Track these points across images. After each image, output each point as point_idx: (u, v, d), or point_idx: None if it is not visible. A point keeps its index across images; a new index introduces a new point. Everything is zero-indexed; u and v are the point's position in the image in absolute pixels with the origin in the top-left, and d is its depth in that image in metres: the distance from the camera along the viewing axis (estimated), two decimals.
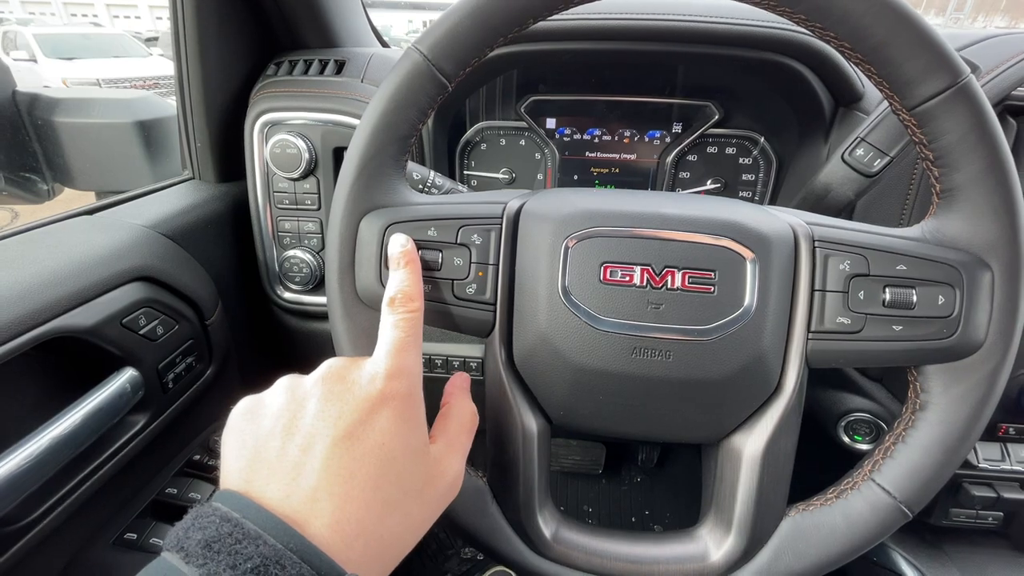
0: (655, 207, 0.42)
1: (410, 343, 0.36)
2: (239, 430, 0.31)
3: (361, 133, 0.42)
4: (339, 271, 0.43)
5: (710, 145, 0.80)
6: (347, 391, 0.32)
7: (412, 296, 0.38)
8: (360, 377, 0.33)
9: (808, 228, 0.42)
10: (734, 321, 0.39)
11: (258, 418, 0.31)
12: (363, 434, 0.30)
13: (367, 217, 0.42)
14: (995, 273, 0.38)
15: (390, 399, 0.32)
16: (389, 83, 0.41)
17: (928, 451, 0.40)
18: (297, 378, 0.34)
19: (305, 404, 0.31)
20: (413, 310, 0.37)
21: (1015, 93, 0.59)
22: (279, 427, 0.30)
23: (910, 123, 0.40)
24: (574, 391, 0.42)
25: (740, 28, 0.62)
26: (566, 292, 0.41)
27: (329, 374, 0.33)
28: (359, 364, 0.34)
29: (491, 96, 0.79)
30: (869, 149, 0.54)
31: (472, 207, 0.44)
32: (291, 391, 0.32)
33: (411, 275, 0.39)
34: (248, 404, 0.33)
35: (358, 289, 0.43)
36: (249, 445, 0.30)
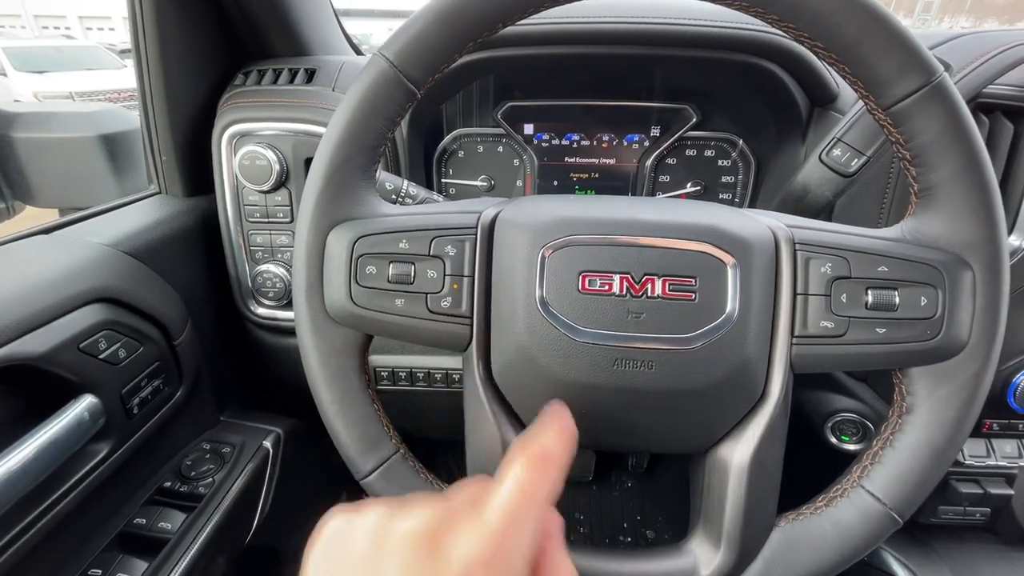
0: (633, 213, 0.41)
1: (530, 519, 0.28)
2: (322, 555, 0.28)
3: (326, 144, 0.40)
4: (307, 287, 0.41)
5: (689, 148, 0.79)
6: (434, 570, 0.25)
7: (554, 460, 0.30)
8: (455, 553, 0.26)
9: (788, 231, 0.41)
10: (717, 328, 0.38)
11: (337, 556, 0.28)
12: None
13: (335, 230, 0.41)
14: (976, 272, 0.38)
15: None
16: (354, 92, 0.40)
17: (916, 455, 0.39)
18: (390, 520, 0.28)
19: (382, 565, 0.26)
20: (549, 476, 0.29)
21: (986, 91, 0.60)
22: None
23: (886, 123, 0.39)
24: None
25: (714, 30, 0.62)
26: (544, 303, 0.39)
27: (420, 534, 0.27)
28: (458, 530, 0.27)
29: (467, 102, 0.78)
30: (846, 149, 0.54)
31: (445, 217, 0.42)
32: (376, 535, 0.27)
33: (559, 437, 0.31)
34: (336, 530, 0.29)
35: (327, 305, 0.41)
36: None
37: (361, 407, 0.42)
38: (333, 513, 0.29)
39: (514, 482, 0.29)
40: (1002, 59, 0.59)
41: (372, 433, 0.42)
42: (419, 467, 0.43)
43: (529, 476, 0.29)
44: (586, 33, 0.64)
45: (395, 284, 0.41)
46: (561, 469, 0.30)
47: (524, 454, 0.30)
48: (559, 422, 0.33)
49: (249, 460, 0.71)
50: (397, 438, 0.43)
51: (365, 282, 0.41)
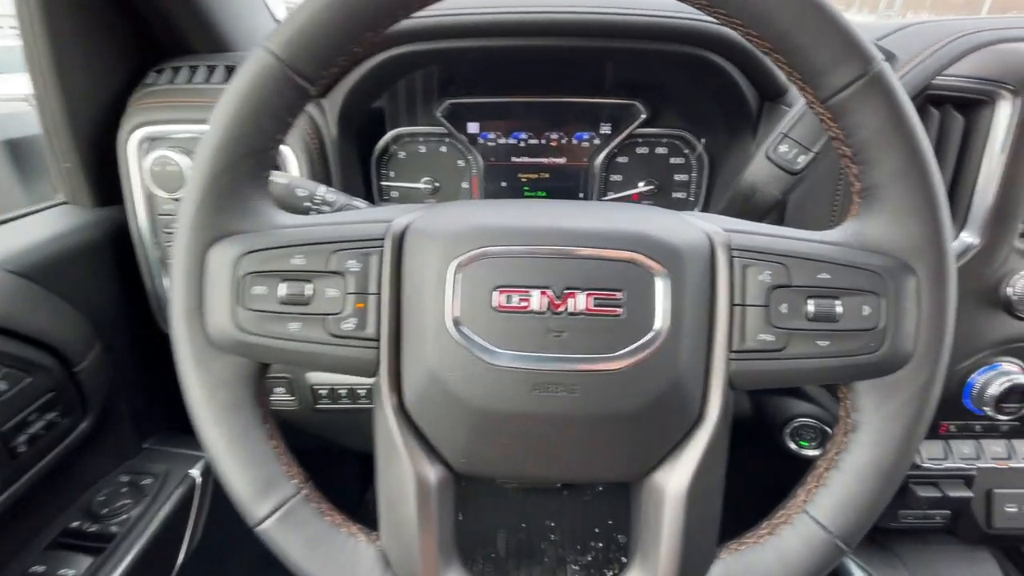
0: (553, 220, 0.37)
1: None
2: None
3: (204, 149, 0.35)
4: (185, 312, 0.36)
5: (640, 146, 0.76)
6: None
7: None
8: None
9: (725, 236, 0.37)
10: (645, 345, 0.35)
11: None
12: None
13: (216, 246, 0.36)
14: (920, 278, 0.35)
15: None
16: (233, 89, 0.35)
17: (863, 478, 0.36)
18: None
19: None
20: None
21: (936, 82, 0.58)
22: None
23: (825, 117, 0.36)
24: (473, 435, 0.36)
25: (655, 20, 0.58)
26: (456, 323, 0.35)
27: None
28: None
29: (406, 100, 0.73)
30: (792, 145, 0.51)
31: (349, 228, 0.38)
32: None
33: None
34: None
35: (209, 332, 0.36)
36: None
37: (254, 445, 0.37)
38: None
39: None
40: (950, 49, 0.57)
41: (268, 473, 0.37)
42: (325, 508, 0.38)
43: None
44: (524, 24, 0.60)
45: (288, 306, 0.36)
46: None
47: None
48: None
49: (173, 491, 0.65)
50: (300, 477, 0.38)
51: (252, 304, 0.36)
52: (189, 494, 0.67)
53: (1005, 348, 0.61)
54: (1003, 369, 0.61)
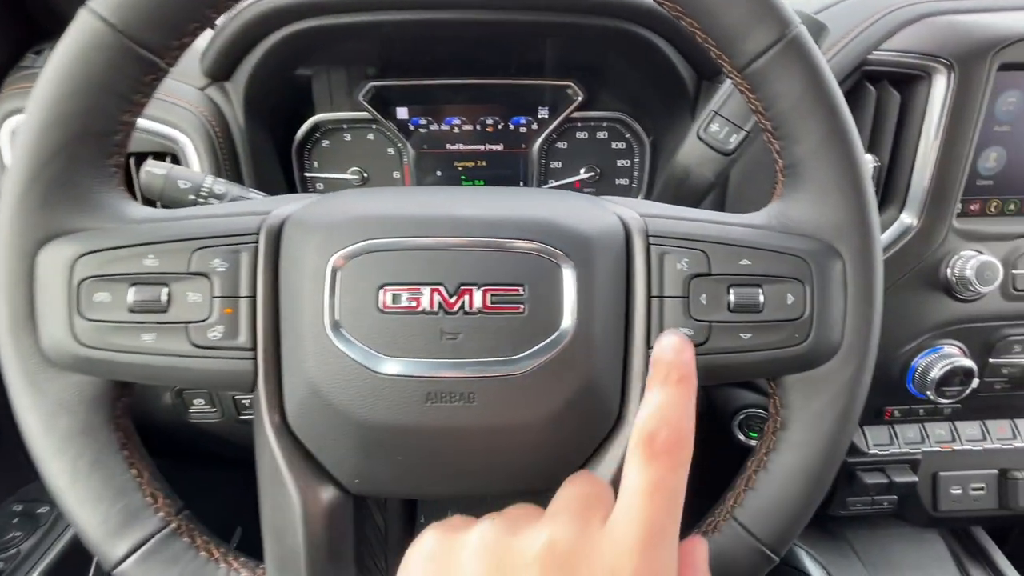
0: (446, 208, 0.33)
1: (672, 524, 0.24)
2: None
3: (24, 132, 0.30)
4: (11, 326, 0.31)
5: (579, 130, 0.73)
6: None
7: (683, 439, 0.25)
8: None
9: (642, 221, 0.34)
10: (551, 346, 0.31)
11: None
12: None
13: (48, 247, 0.31)
14: (846, 262, 0.32)
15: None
16: (57, 60, 0.30)
17: (790, 481, 0.33)
18: (506, 534, 0.24)
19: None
20: (681, 463, 0.25)
21: (872, 57, 0.56)
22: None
23: (744, 88, 0.33)
24: (362, 453, 0.32)
25: None
26: (336, 327, 0.31)
27: (553, 554, 0.23)
28: (593, 547, 0.23)
29: (323, 83, 0.68)
30: (724, 124, 0.48)
31: (216, 222, 0.33)
32: (495, 557, 0.23)
33: (684, 400, 0.26)
34: (436, 549, 0.25)
35: (44, 347, 0.31)
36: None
37: (108, 476, 0.32)
38: (426, 533, 0.26)
39: (640, 482, 0.24)
40: (885, 22, 0.55)
41: (125, 508, 0.32)
42: (201, 540, 0.34)
43: (655, 471, 0.24)
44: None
45: (140, 314, 0.31)
46: (690, 448, 0.25)
47: (642, 442, 0.25)
48: (675, 374, 0.26)
49: None
50: (171, 507, 0.34)
51: (93, 314, 0.31)
52: None
53: (946, 330, 0.60)
54: (944, 352, 0.60)
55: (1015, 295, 0.59)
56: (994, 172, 0.58)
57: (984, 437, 0.67)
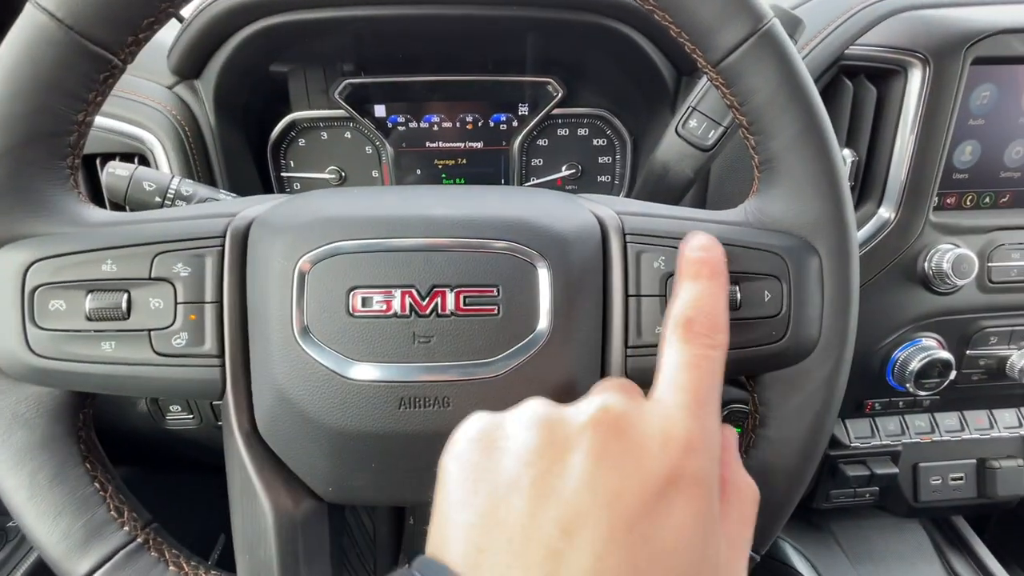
0: (417, 208, 0.32)
1: (714, 396, 0.25)
2: (469, 463, 0.23)
3: None
4: None
5: (560, 127, 0.72)
6: (630, 455, 0.22)
7: (718, 324, 0.27)
8: (648, 437, 0.23)
9: (618, 219, 0.33)
10: (527, 347, 0.30)
11: (497, 453, 0.23)
12: (650, 530, 0.21)
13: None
14: (822, 258, 0.32)
15: (689, 483, 0.22)
16: (2, 60, 0.28)
17: (771, 478, 0.33)
18: (555, 408, 0.24)
19: (567, 456, 0.22)
20: (719, 344, 0.26)
21: (848, 52, 0.56)
22: (526, 479, 0.22)
23: (719, 83, 0.33)
24: (335, 461, 0.32)
25: None
26: (305, 332, 0.30)
27: (605, 418, 0.23)
28: (643, 412, 0.24)
29: (298, 81, 0.66)
30: (702, 119, 0.48)
31: (179, 225, 0.32)
32: (547, 427, 0.23)
33: (717, 292, 0.28)
34: (483, 428, 0.24)
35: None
36: (483, 493, 0.22)
37: (69, 490, 0.31)
38: (471, 417, 0.26)
39: (681, 358, 0.26)
40: (861, 17, 0.55)
41: (88, 522, 0.31)
42: (170, 554, 0.33)
43: (695, 348, 0.26)
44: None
45: (99, 322, 0.30)
46: (727, 334, 0.27)
47: (679, 326, 0.26)
48: (706, 269, 0.28)
49: None
50: (138, 520, 0.32)
51: (48, 323, 0.29)
52: None
53: (924, 323, 0.61)
54: (923, 345, 0.60)
55: (991, 287, 0.59)
56: (969, 166, 0.59)
57: (962, 428, 0.68)
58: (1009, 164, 0.59)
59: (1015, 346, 0.62)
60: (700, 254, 0.29)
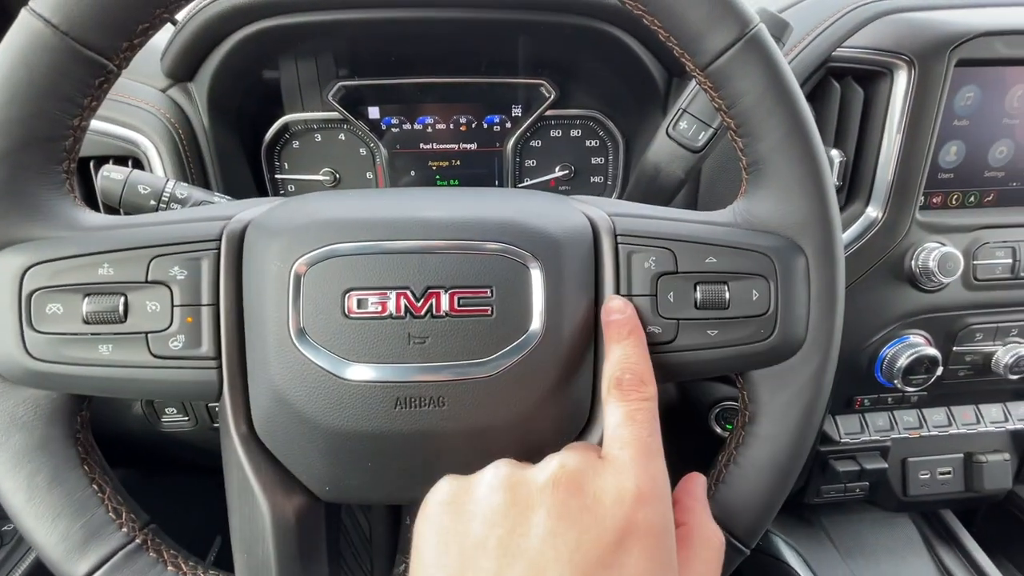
0: (411, 211, 0.33)
1: (656, 445, 0.28)
2: (440, 526, 0.25)
3: None
4: None
5: (553, 128, 0.72)
6: (587, 510, 0.24)
7: (644, 378, 0.30)
8: (603, 492, 0.25)
9: (609, 220, 0.34)
10: (520, 347, 0.31)
11: (465, 516, 0.25)
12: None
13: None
14: (808, 257, 0.33)
15: (643, 533, 0.24)
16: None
17: (760, 475, 0.34)
18: (517, 468, 0.26)
19: (529, 515, 0.24)
20: (648, 396, 0.29)
21: (836, 54, 0.57)
22: (493, 540, 0.24)
23: (707, 86, 0.34)
24: (332, 461, 0.32)
25: None
26: (301, 334, 0.30)
27: (563, 477, 0.25)
28: (597, 469, 0.26)
29: (291, 83, 0.66)
30: (692, 121, 0.48)
31: (175, 228, 0.32)
32: (510, 489, 0.25)
33: (636, 348, 0.31)
34: (452, 492, 0.26)
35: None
36: (453, 553, 0.24)
37: (68, 492, 0.31)
38: (440, 482, 0.27)
39: (620, 415, 0.28)
40: (847, 20, 0.56)
41: (87, 524, 0.31)
42: (168, 554, 0.33)
43: (629, 404, 0.28)
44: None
45: (96, 325, 0.30)
46: (653, 385, 0.30)
47: (612, 387, 0.29)
48: (624, 330, 0.31)
49: None
50: (136, 521, 0.33)
51: (45, 326, 0.30)
52: None
53: (912, 320, 0.62)
54: (910, 341, 0.61)
55: (976, 285, 0.61)
56: (954, 165, 0.60)
57: (950, 423, 0.69)
58: (993, 164, 0.61)
59: (1000, 342, 0.63)
60: (616, 316, 0.32)
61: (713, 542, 0.29)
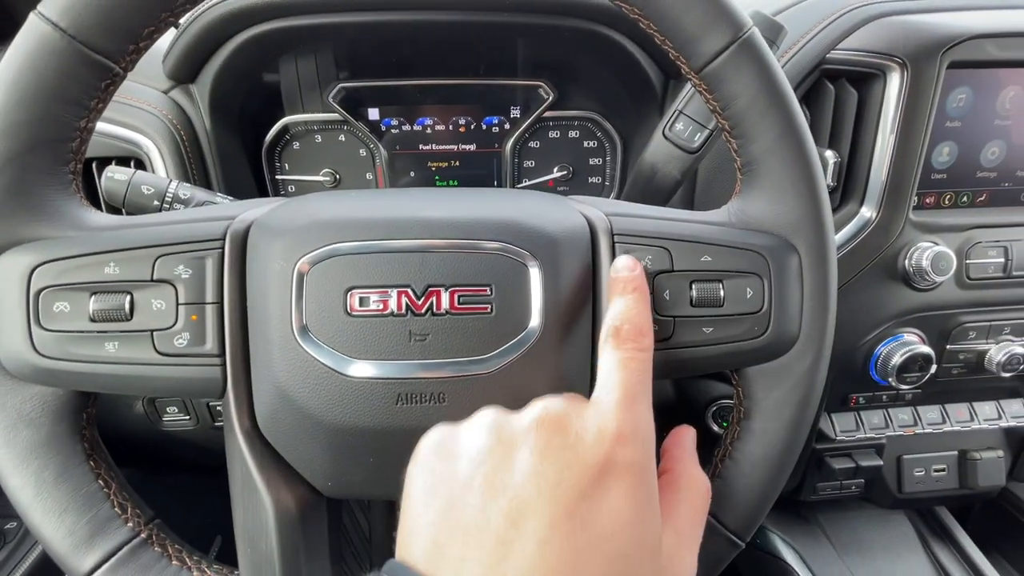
0: (412, 211, 0.33)
1: (643, 391, 0.29)
2: (429, 469, 0.26)
3: None
4: None
5: (551, 129, 0.73)
6: (568, 448, 0.25)
7: (643, 330, 0.30)
8: (585, 431, 0.26)
9: (606, 220, 0.35)
10: (519, 344, 0.32)
11: (452, 458, 0.26)
12: (588, 516, 0.23)
13: (2, 258, 0.30)
14: (801, 256, 0.34)
15: (623, 470, 0.25)
16: (7, 68, 0.29)
17: (755, 468, 0.35)
18: (503, 413, 0.27)
19: (513, 453, 0.25)
20: (644, 347, 0.30)
21: (830, 56, 0.57)
22: (479, 478, 0.24)
23: (702, 89, 0.34)
24: (334, 456, 0.32)
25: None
26: (304, 331, 0.31)
27: (546, 418, 0.26)
28: (580, 411, 0.27)
29: (291, 85, 0.67)
30: (688, 122, 0.49)
31: (179, 228, 0.33)
32: (496, 430, 0.26)
33: (640, 303, 0.31)
34: (441, 437, 0.27)
35: (1, 359, 0.30)
36: (442, 494, 0.25)
37: (74, 487, 0.32)
38: (431, 429, 0.28)
39: (613, 360, 0.29)
40: (841, 23, 0.57)
41: (92, 519, 0.32)
42: (173, 548, 0.33)
43: (624, 351, 0.29)
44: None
45: (102, 323, 0.31)
46: (651, 337, 0.31)
47: (610, 335, 0.30)
48: (630, 286, 0.32)
49: None
50: (141, 516, 0.33)
51: (53, 324, 0.30)
52: None
53: (905, 319, 0.62)
54: (904, 340, 0.62)
55: (969, 284, 0.61)
56: (947, 166, 0.61)
57: (944, 420, 0.70)
58: (985, 164, 0.61)
59: (993, 340, 0.64)
60: (625, 273, 0.32)
61: (699, 487, 0.31)
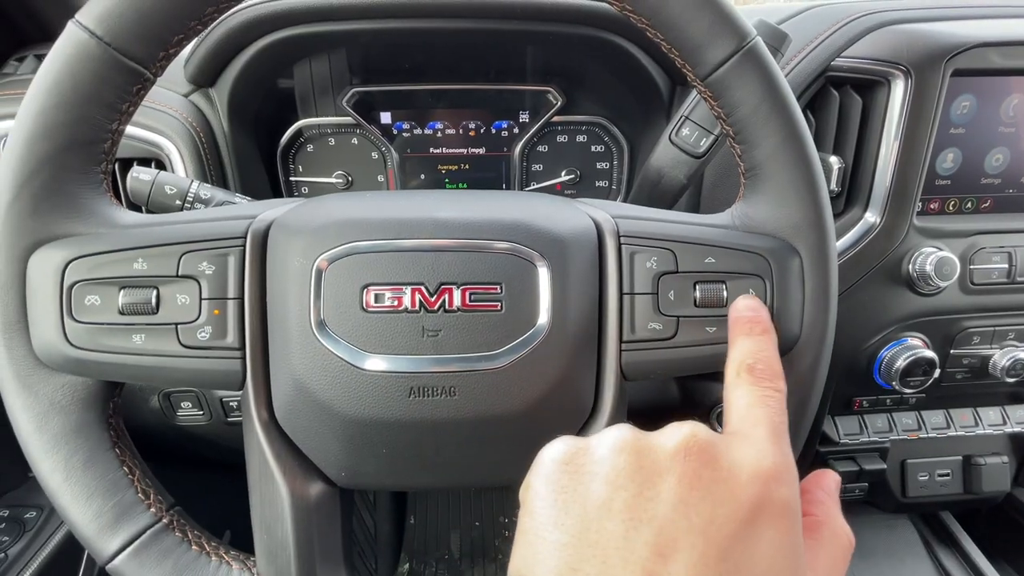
0: (426, 211, 0.35)
1: (786, 431, 0.27)
2: (558, 485, 0.23)
3: (13, 142, 0.31)
4: (3, 329, 0.32)
5: (560, 134, 0.74)
6: (721, 482, 0.23)
7: (777, 372, 0.29)
8: (738, 467, 0.23)
9: (613, 222, 0.36)
10: (528, 341, 0.33)
11: (584, 476, 0.23)
12: (742, 559, 0.21)
13: (38, 252, 0.32)
14: (803, 259, 0.35)
15: (778, 512, 0.23)
16: (44, 73, 0.31)
17: None
18: (641, 435, 0.25)
19: (657, 480, 0.23)
20: (780, 389, 0.28)
21: (835, 64, 0.58)
22: (618, 502, 0.22)
23: (707, 96, 0.35)
24: (348, 447, 0.34)
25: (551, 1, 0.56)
26: (321, 326, 0.32)
27: (695, 447, 0.23)
28: (729, 443, 0.25)
29: (306, 89, 0.69)
30: (694, 128, 0.50)
31: (203, 226, 0.34)
32: (635, 452, 0.24)
33: (771, 346, 0.31)
34: (569, 450, 0.25)
35: (36, 349, 0.32)
36: (574, 513, 0.22)
37: (101, 473, 0.33)
38: (555, 441, 0.26)
39: (751, 397, 0.27)
40: (846, 31, 0.58)
41: (118, 504, 0.33)
42: (192, 534, 0.35)
43: (761, 389, 0.28)
44: (409, 6, 0.56)
45: (130, 316, 0.32)
46: (783, 383, 0.29)
47: (744, 370, 0.29)
48: (758, 328, 0.31)
49: (60, 525, 0.59)
50: (163, 503, 0.35)
51: (84, 316, 0.32)
52: None
53: (909, 323, 0.63)
54: (908, 344, 0.63)
55: (972, 289, 0.62)
56: (951, 172, 0.61)
57: (948, 425, 0.70)
58: (989, 171, 0.62)
59: (997, 346, 0.64)
60: (750, 313, 0.32)
61: (842, 539, 0.27)
